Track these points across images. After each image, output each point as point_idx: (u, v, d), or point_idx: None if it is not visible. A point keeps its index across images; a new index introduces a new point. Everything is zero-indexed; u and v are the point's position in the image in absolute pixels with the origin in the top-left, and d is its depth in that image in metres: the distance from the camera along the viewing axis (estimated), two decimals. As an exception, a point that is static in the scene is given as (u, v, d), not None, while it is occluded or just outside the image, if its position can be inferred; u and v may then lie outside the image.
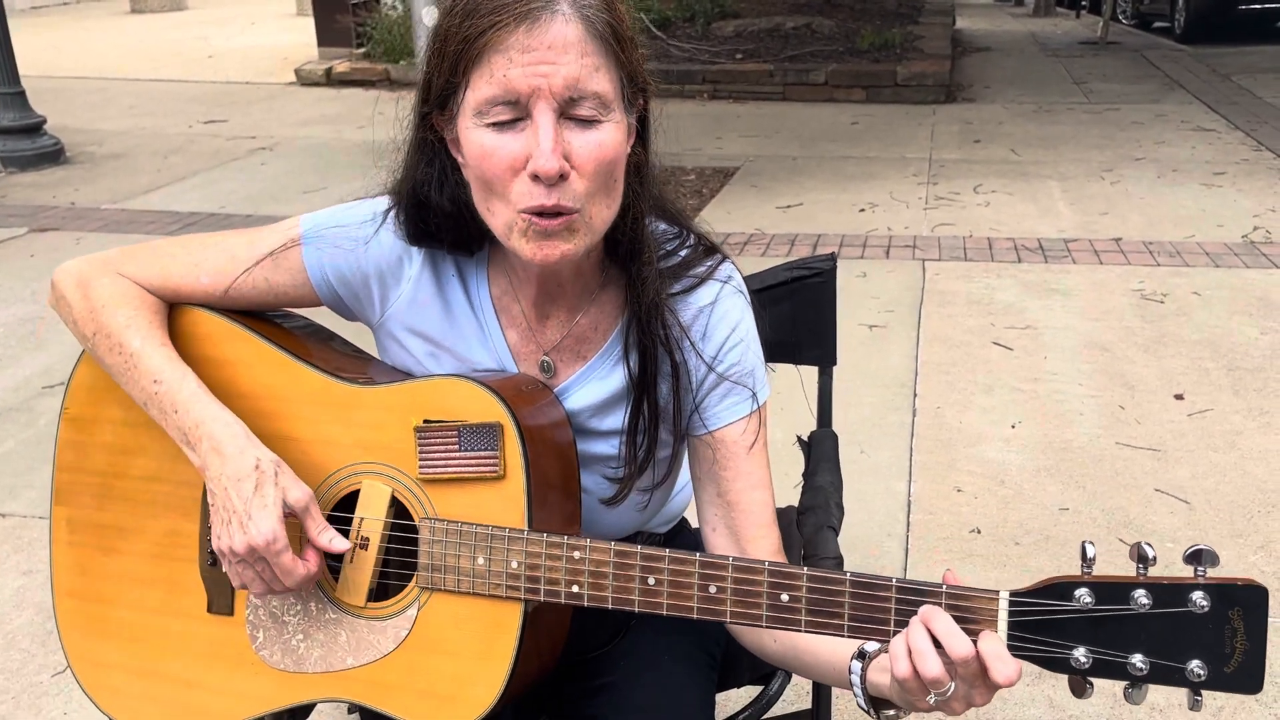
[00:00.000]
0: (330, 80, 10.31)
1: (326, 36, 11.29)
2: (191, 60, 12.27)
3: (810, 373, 1.74)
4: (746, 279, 1.66)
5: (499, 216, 1.09)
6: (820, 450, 1.64)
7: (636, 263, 1.17)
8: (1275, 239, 5.16)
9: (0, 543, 2.90)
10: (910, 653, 0.97)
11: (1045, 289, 4.60)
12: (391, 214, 1.21)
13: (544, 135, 1.03)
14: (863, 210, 5.85)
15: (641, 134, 1.17)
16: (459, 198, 1.15)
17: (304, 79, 10.45)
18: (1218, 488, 3.02)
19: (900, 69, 9.19)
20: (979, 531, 2.81)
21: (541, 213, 1.06)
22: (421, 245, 1.21)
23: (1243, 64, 10.53)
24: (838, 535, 1.43)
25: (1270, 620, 2.64)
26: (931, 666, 0.96)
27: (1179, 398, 3.57)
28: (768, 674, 1.50)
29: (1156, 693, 2.25)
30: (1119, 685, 0.98)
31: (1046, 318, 4.28)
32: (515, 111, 1.04)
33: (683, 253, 1.23)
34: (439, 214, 1.17)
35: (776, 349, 1.68)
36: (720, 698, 1.47)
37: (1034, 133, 7.78)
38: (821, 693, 1.53)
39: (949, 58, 10.09)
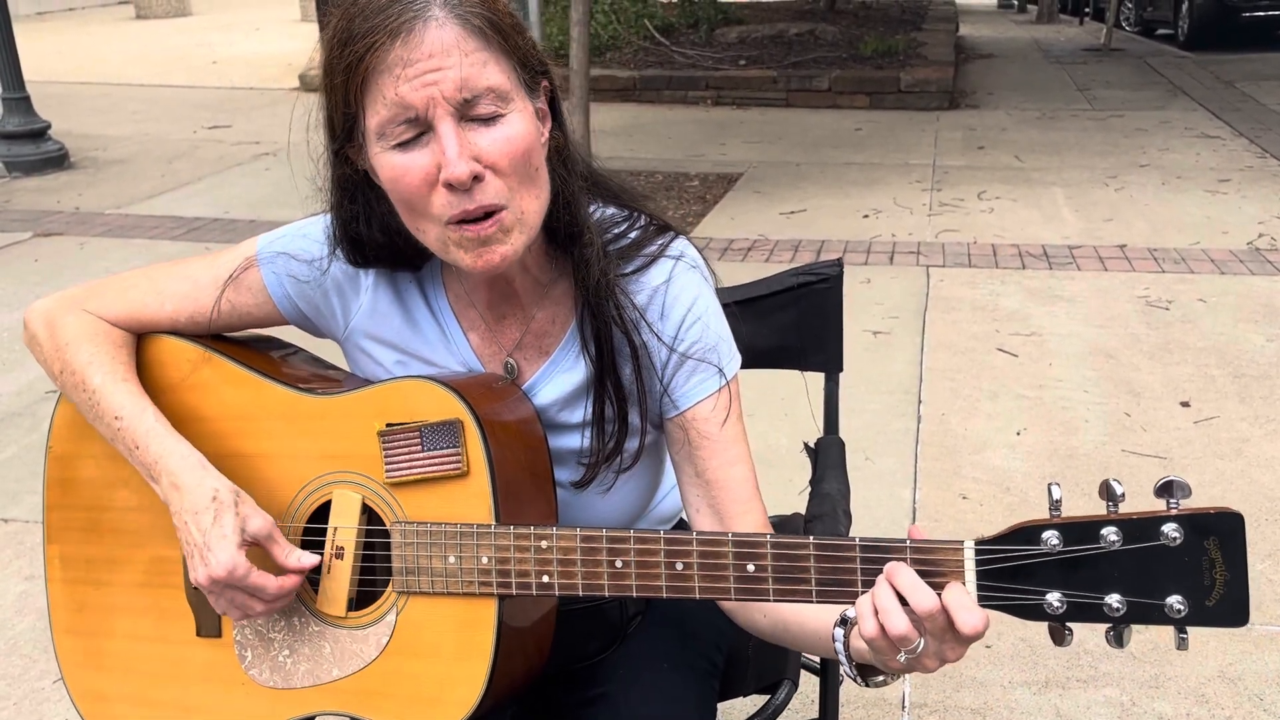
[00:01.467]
0: (334, 86, 10.32)
1: (331, 42, 11.29)
2: (195, 66, 12.29)
3: (816, 379, 1.73)
4: (752, 285, 1.66)
5: (429, 234, 1.09)
6: (827, 457, 1.62)
7: (577, 245, 1.16)
8: (1280, 246, 5.16)
9: (2, 548, 2.90)
10: (876, 611, 0.96)
11: (1050, 295, 4.59)
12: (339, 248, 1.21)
13: (448, 143, 1.03)
14: (866, 216, 5.85)
15: (555, 116, 1.16)
16: (390, 226, 1.15)
17: (308, 85, 10.46)
18: (1224, 495, 3.00)
19: (904, 75, 9.19)
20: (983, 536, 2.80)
21: (466, 219, 1.05)
22: (367, 268, 1.22)
23: (1246, 71, 10.53)
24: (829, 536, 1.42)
25: (1277, 628, 2.61)
26: (897, 623, 0.95)
27: (1185, 405, 3.56)
28: (774, 683, 1.49)
29: (1164, 701, 2.24)
30: (1100, 629, 0.95)
31: (1051, 324, 4.27)
32: (416, 127, 1.03)
33: (633, 234, 1.22)
34: (373, 245, 1.17)
35: (782, 354, 1.67)
36: (724, 706, 1.46)
37: (1038, 139, 7.78)
38: (828, 701, 1.52)
39: (952, 64, 10.09)
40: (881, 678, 1.05)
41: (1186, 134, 7.77)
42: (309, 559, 1.15)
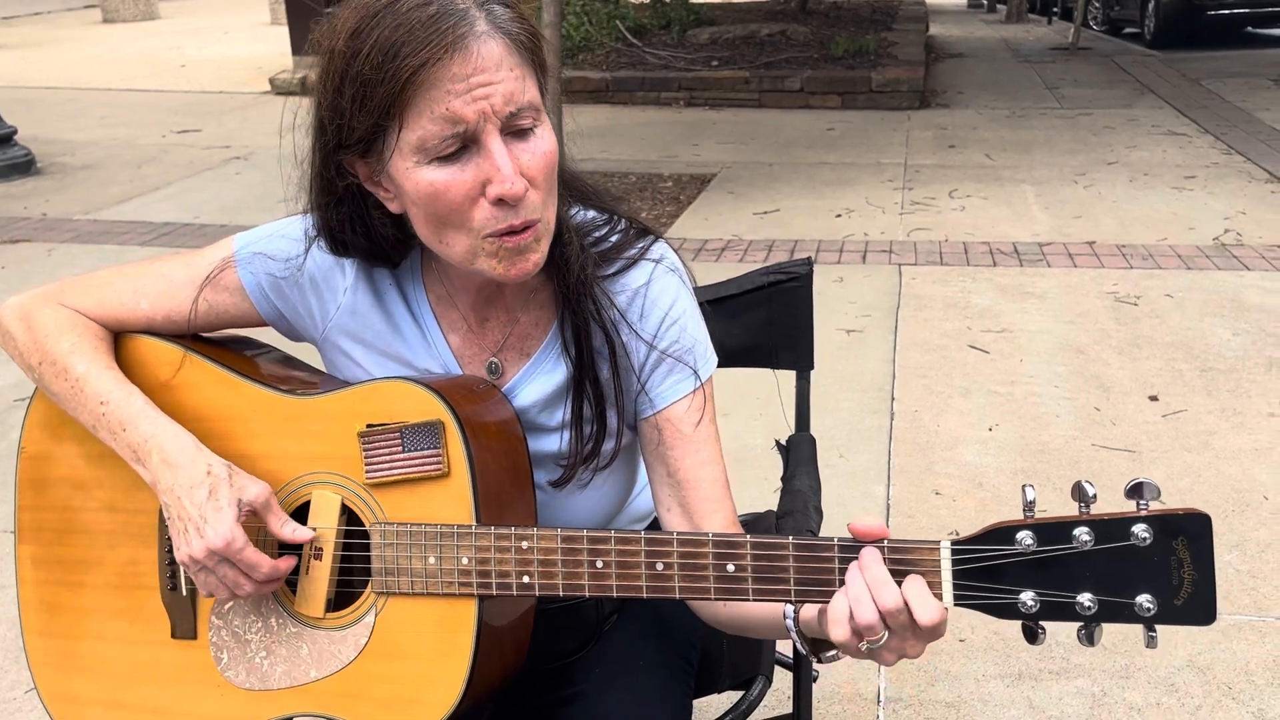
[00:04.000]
0: (305, 89, 10.22)
1: (301, 45, 11.24)
2: (164, 70, 12.19)
3: (788, 377, 1.74)
4: (723, 284, 1.67)
5: (457, 246, 1.09)
6: (798, 454, 1.64)
7: (557, 244, 1.17)
8: (1246, 241, 5.22)
9: (-28, 558, 2.86)
10: (850, 604, 0.98)
11: (1020, 292, 4.64)
12: (317, 241, 1.21)
13: (501, 160, 1.03)
14: (839, 216, 5.88)
15: None
16: (376, 234, 1.15)
17: (279, 88, 10.40)
18: (1192, 488, 3.04)
19: (875, 75, 9.24)
20: (957, 534, 2.82)
21: (511, 231, 1.06)
22: (347, 259, 1.22)
23: (1211, 69, 10.66)
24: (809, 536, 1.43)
25: (1245, 618, 2.65)
26: (866, 613, 0.97)
27: (1153, 399, 3.60)
28: (747, 679, 1.50)
29: (1134, 691, 2.27)
30: (1072, 627, 0.97)
31: (1022, 321, 4.32)
32: (460, 141, 1.03)
33: (614, 238, 1.23)
34: (355, 248, 1.18)
35: (754, 353, 1.69)
36: (699, 704, 1.47)
37: (1008, 138, 7.85)
38: (801, 697, 1.53)
39: (923, 64, 10.16)
40: (833, 652, 1.07)
41: (1153, 132, 7.86)
42: (304, 532, 1.15)
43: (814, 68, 9.57)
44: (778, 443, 1.71)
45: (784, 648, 1.62)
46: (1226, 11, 12.43)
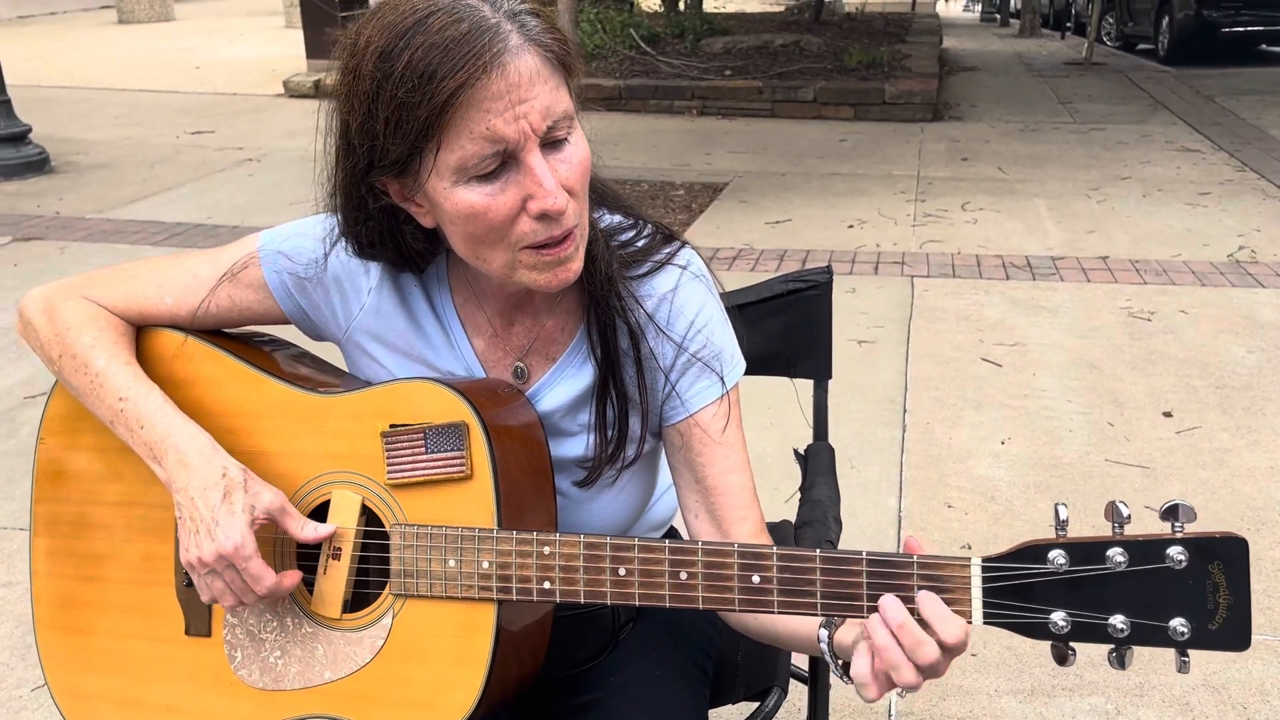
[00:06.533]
0: (319, 92, 10.30)
1: (315, 49, 11.28)
2: (179, 71, 12.24)
3: (805, 385, 1.73)
4: (742, 291, 1.66)
5: (496, 260, 1.08)
6: (817, 463, 1.62)
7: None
8: (1260, 258, 5.20)
9: (-20, 554, 2.86)
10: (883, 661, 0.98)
11: (1033, 306, 4.62)
12: (340, 243, 1.19)
13: (544, 175, 1.02)
14: (851, 227, 5.87)
15: None
16: (405, 247, 1.15)
17: (292, 91, 10.44)
18: (1206, 505, 3.02)
19: (888, 87, 9.24)
20: (969, 547, 2.81)
21: (550, 243, 1.06)
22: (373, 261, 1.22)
23: (1225, 86, 10.64)
24: (836, 549, 1.42)
25: (1261, 637, 2.61)
26: (893, 656, 0.96)
27: (1167, 415, 3.58)
28: (763, 690, 1.49)
29: (1148, 709, 2.25)
30: (1103, 649, 0.95)
31: (1035, 334, 4.30)
32: (501, 158, 1.02)
33: (640, 241, 1.23)
34: (382, 256, 1.17)
35: (772, 362, 1.67)
36: (714, 714, 1.45)
37: (1021, 151, 7.83)
38: (817, 709, 1.52)
39: (936, 76, 10.16)
40: None
41: (1167, 147, 7.84)
42: (325, 529, 1.14)
43: (827, 78, 9.58)
44: (796, 452, 1.70)
45: (799, 660, 1.61)
46: (1241, 29, 12.42)
